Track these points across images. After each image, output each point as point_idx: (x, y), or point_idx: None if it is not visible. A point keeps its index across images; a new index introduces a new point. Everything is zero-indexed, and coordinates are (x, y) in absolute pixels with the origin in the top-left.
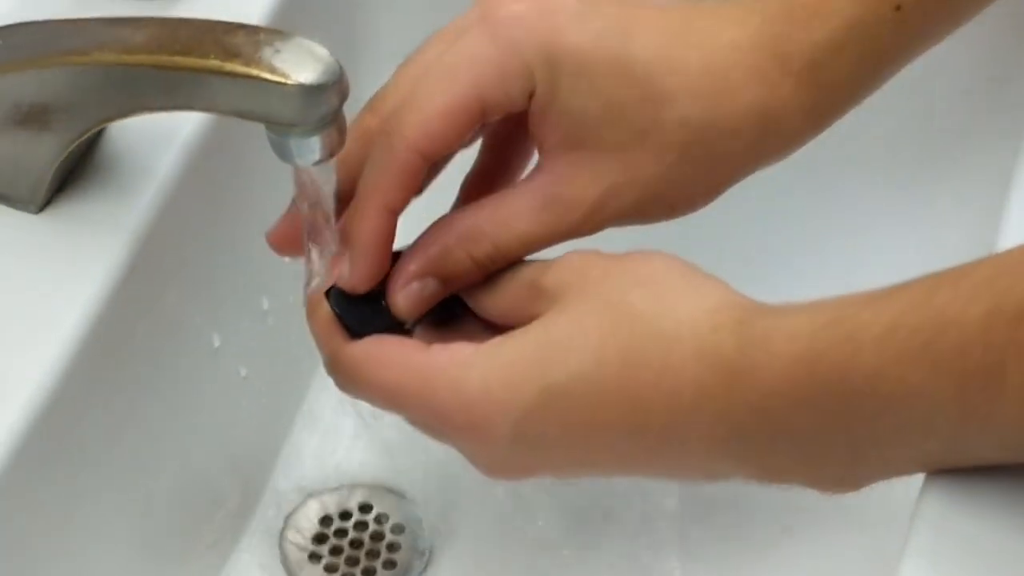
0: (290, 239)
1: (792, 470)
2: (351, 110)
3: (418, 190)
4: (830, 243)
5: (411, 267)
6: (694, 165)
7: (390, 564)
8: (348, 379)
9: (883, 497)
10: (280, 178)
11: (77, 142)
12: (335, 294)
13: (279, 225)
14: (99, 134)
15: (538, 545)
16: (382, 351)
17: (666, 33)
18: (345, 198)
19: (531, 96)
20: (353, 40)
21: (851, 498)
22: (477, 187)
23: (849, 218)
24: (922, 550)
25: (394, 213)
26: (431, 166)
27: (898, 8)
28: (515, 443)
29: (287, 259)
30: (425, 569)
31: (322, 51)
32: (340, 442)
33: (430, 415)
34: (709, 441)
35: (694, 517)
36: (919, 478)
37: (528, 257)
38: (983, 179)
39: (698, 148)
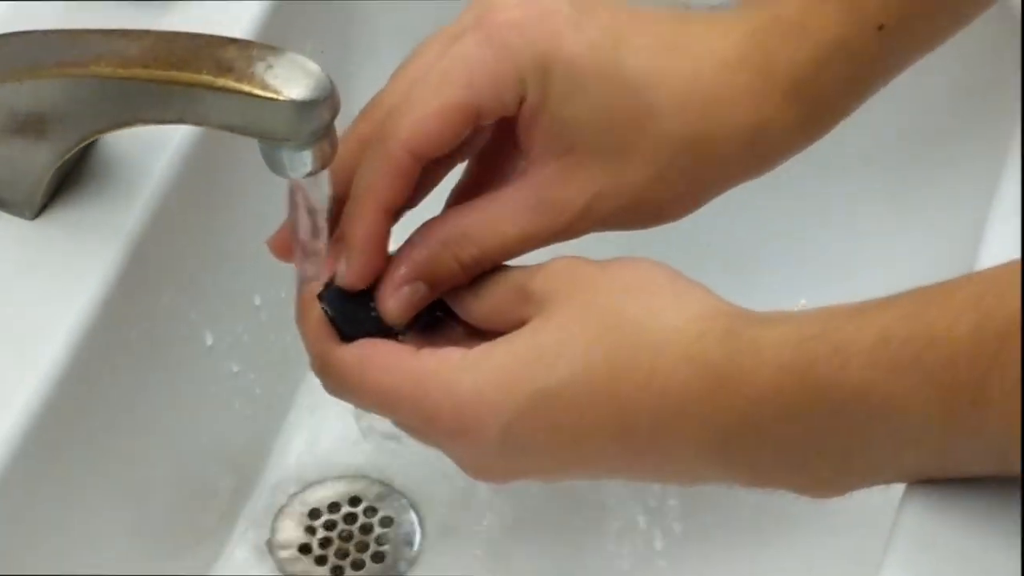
0: (291, 246)
1: (779, 476)
2: (344, 121)
3: (412, 191)
4: (817, 251)
5: (400, 272)
6: (681, 176)
7: (379, 557)
8: (340, 382)
9: (863, 501)
10: (271, 180)
11: (72, 151)
12: (328, 298)
13: (280, 232)
14: (94, 141)
15: (524, 538)
16: (376, 354)
17: (658, 44)
18: (341, 201)
19: (522, 102)
20: (347, 48)
21: (832, 501)
22: (464, 198)
23: (836, 226)
24: (902, 558)
25: (389, 212)
26: (429, 174)
27: (880, 28)
28: (504, 446)
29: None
30: (414, 562)
31: (314, 67)
32: (330, 436)
33: (421, 418)
34: (696, 445)
35: (675, 518)
36: (900, 483)
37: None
38: (969, 188)
39: (685, 160)
